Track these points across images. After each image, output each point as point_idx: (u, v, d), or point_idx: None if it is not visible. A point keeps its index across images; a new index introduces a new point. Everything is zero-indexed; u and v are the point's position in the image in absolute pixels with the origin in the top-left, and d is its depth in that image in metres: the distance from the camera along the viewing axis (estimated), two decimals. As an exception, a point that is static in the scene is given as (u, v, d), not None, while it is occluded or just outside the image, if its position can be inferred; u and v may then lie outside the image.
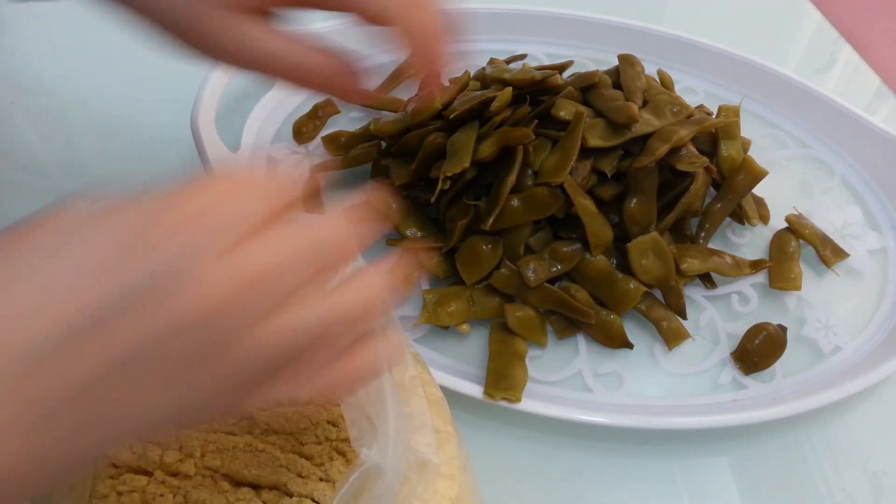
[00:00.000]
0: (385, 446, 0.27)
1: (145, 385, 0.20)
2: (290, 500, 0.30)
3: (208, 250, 0.20)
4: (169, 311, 0.19)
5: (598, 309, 0.43)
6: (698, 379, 0.43)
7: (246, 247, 0.20)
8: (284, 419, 0.32)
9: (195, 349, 0.20)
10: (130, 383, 0.20)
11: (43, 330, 0.19)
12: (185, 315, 0.20)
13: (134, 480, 0.31)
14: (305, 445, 0.32)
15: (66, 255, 0.20)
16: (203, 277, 0.20)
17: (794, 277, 0.47)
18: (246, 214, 0.21)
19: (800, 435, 0.41)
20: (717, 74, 0.62)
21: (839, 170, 0.57)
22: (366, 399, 0.28)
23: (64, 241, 0.20)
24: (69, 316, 0.19)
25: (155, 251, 0.20)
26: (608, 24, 0.64)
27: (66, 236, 0.21)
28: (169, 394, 0.21)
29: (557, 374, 0.42)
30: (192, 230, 0.20)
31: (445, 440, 0.32)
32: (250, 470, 0.31)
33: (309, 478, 0.31)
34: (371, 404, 0.28)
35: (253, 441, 0.32)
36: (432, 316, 0.42)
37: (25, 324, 0.19)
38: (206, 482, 0.31)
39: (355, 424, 0.28)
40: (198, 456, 0.32)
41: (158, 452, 0.31)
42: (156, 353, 0.20)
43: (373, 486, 0.26)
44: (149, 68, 0.59)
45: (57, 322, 0.19)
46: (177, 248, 0.20)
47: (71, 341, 0.19)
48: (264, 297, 0.21)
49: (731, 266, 0.47)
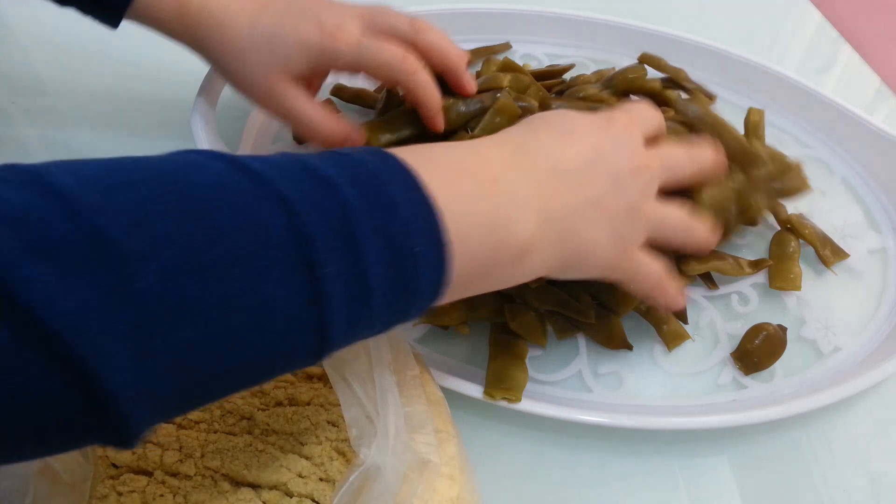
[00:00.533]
0: (385, 446, 0.27)
1: (595, 221, 0.33)
2: (290, 500, 0.30)
3: (640, 137, 0.37)
4: (621, 160, 0.35)
5: (598, 310, 0.43)
6: (698, 379, 0.43)
7: (654, 145, 0.37)
8: (284, 419, 0.33)
9: (624, 201, 0.34)
10: (589, 219, 0.33)
11: (580, 155, 0.34)
12: (628, 164, 0.35)
13: (134, 481, 0.31)
14: (305, 445, 0.32)
15: (582, 119, 0.36)
16: (638, 148, 0.36)
17: (794, 277, 0.47)
18: (653, 127, 0.38)
19: (800, 435, 0.41)
20: (717, 74, 0.62)
21: (839, 170, 0.57)
22: (366, 398, 0.28)
23: (575, 115, 0.36)
24: (587, 151, 0.34)
25: (616, 128, 0.36)
26: (608, 24, 0.64)
27: (573, 115, 0.36)
28: (605, 232, 0.34)
29: (557, 375, 0.42)
30: (632, 126, 0.37)
31: (445, 440, 0.32)
32: (250, 470, 0.31)
33: (309, 478, 0.31)
34: (371, 403, 0.28)
35: (253, 441, 0.32)
36: (431, 318, 0.42)
37: (576, 153, 0.34)
38: (206, 482, 0.31)
39: (355, 424, 0.28)
40: (198, 456, 0.32)
41: (158, 453, 0.31)
42: (607, 200, 0.34)
43: (372, 486, 0.26)
44: (149, 69, 0.59)
45: (582, 153, 0.34)
46: (625, 131, 0.36)
47: (583, 172, 0.33)
48: (664, 172, 0.37)
49: (731, 266, 0.47)
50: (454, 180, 0.28)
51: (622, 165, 0.35)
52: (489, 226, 0.29)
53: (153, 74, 0.59)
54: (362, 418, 0.28)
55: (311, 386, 0.34)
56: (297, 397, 0.33)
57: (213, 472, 0.31)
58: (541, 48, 0.64)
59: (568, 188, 0.33)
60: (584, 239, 0.33)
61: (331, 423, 0.32)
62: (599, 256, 0.34)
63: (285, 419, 0.32)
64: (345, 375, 0.28)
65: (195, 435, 0.32)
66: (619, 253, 0.35)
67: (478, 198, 0.29)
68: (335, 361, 0.29)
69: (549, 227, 0.32)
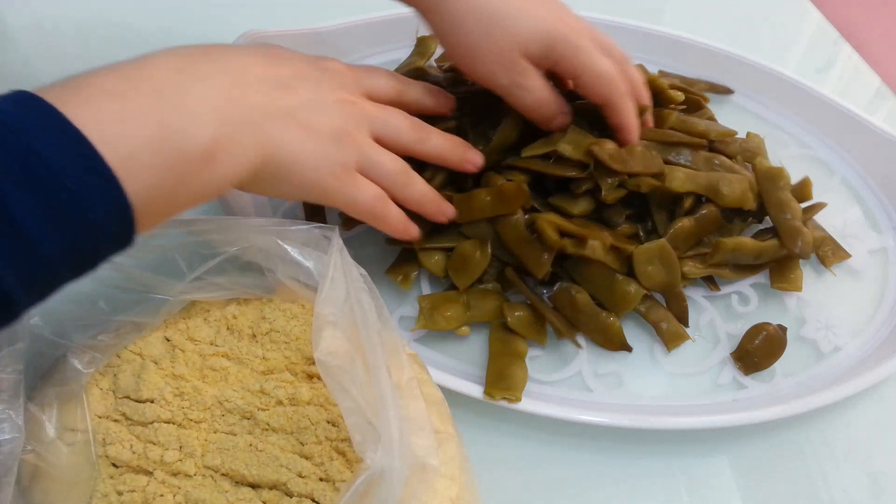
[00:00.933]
0: (390, 449, 0.27)
1: (295, 133, 0.34)
2: (290, 499, 0.30)
3: (354, 82, 0.39)
4: (324, 86, 0.37)
5: (597, 310, 0.43)
6: (698, 379, 0.43)
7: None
8: (285, 419, 0.33)
9: (327, 121, 0.36)
10: (287, 128, 0.34)
11: (278, 69, 0.35)
12: (331, 93, 0.37)
13: (134, 480, 0.31)
14: (305, 445, 0.32)
15: (291, 55, 0.38)
16: (348, 85, 0.39)
17: (795, 278, 0.47)
18: (380, 88, 0.41)
19: (800, 435, 0.41)
20: (717, 74, 0.62)
21: (839, 170, 0.57)
22: (365, 403, 0.28)
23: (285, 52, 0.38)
24: (286, 69, 0.36)
25: (328, 65, 0.39)
26: (608, 24, 0.64)
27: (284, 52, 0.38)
28: (309, 147, 0.35)
29: (557, 374, 0.42)
30: (348, 72, 0.40)
31: (445, 440, 0.32)
32: (250, 470, 0.31)
33: (309, 477, 0.31)
34: (372, 408, 0.28)
35: (253, 441, 0.32)
36: (429, 322, 0.42)
37: (276, 70, 0.35)
38: (206, 482, 0.31)
39: (358, 429, 0.28)
40: (198, 455, 0.32)
41: (159, 452, 0.31)
42: (308, 114, 0.35)
43: (377, 491, 0.26)
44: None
45: (282, 68, 0.36)
46: (338, 71, 0.39)
47: (279, 81, 0.35)
48: (377, 121, 0.38)
49: (732, 266, 0.47)
50: (108, 105, 0.28)
51: (325, 90, 0.37)
52: (159, 139, 0.29)
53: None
54: (364, 423, 0.28)
55: (312, 385, 0.34)
56: (297, 396, 0.33)
57: (214, 472, 0.31)
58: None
59: (260, 93, 0.33)
60: (283, 150, 0.34)
61: (330, 422, 0.32)
62: (307, 174, 0.35)
63: (286, 418, 0.32)
64: (343, 384, 0.28)
65: (195, 434, 0.32)
66: (329, 174, 0.35)
67: (139, 114, 0.28)
68: (332, 371, 0.29)
69: (236, 130, 0.31)
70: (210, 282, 0.36)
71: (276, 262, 0.35)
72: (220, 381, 0.34)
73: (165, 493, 0.30)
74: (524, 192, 0.42)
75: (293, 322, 0.36)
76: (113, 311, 0.36)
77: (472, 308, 0.43)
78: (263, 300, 0.37)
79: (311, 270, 0.35)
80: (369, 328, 0.30)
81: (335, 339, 0.29)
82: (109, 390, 0.33)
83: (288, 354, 0.35)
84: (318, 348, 0.29)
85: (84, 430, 0.32)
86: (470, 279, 0.43)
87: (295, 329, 0.35)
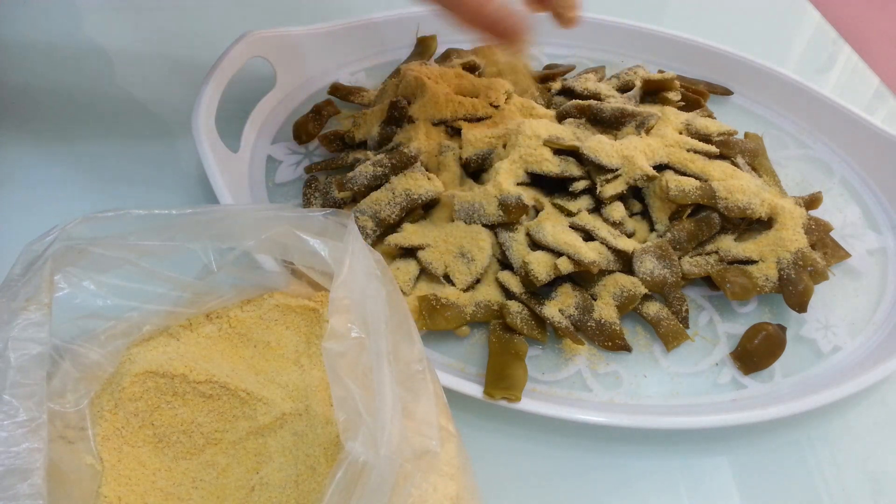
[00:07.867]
0: (375, 438, 0.26)
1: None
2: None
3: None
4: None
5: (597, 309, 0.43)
6: (698, 379, 0.43)
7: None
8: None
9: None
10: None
11: None
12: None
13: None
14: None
15: None
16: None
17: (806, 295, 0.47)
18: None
19: (800, 435, 0.41)
20: (717, 74, 0.62)
21: (839, 170, 0.57)
22: (359, 392, 0.28)
23: None
24: None
25: None
26: (608, 25, 0.64)
27: None
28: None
29: (557, 374, 0.42)
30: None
31: (445, 440, 0.32)
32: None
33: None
34: (367, 397, 0.28)
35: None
36: (429, 322, 0.42)
37: None
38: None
39: (344, 418, 0.27)
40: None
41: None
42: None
43: (367, 479, 0.26)
44: (149, 70, 0.60)
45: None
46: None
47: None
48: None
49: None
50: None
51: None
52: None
53: (153, 76, 0.59)
54: (353, 412, 0.27)
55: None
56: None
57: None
58: (540, 48, 0.64)
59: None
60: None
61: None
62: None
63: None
64: (338, 372, 0.28)
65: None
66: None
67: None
68: (331, 358, 0.29)
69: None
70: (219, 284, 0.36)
71: (293, 252, 0.35)
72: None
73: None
74: (524, 207, 0.44)
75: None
76: (117, 311, 0.36)
77: (472, 308, 0.43)
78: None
79: (327, 259, 0.34)
80: (377, 315, 0.30)
81: (343, 325, 0.29)
82: (110, 390, 0.33)
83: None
84: (325, 335, 0.29)
85: (84, 430, 0.32)
86: (470, 279, 0.43)
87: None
